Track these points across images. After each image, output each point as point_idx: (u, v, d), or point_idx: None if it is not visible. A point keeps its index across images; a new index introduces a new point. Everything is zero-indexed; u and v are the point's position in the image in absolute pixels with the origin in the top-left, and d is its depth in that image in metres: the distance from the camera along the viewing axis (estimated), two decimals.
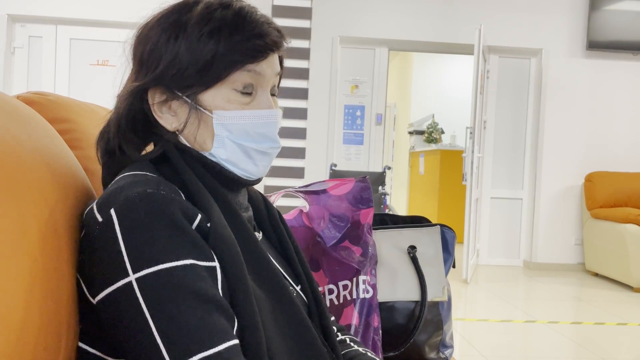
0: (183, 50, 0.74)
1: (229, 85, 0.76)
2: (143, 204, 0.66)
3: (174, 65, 0.75)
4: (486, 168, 5.43)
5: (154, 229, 0.65)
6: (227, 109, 0.76)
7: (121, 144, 0.78)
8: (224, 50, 0.74)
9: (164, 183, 0.71)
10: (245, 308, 0.69)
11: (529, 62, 5.47)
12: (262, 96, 0.79)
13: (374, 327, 1.23)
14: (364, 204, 1.26)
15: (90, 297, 0.68)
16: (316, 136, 5.12)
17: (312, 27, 4.93)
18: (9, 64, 4.94)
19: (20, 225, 0.58)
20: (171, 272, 0.64)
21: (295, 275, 0.89)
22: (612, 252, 4.71)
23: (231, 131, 0.77)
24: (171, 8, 0.78)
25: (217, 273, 0.69)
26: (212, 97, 0.76)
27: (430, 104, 8.55)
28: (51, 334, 0.62)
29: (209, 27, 0.74)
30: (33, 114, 0.75)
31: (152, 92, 0.77)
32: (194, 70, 0.74)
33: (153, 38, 0.76)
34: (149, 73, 0.76)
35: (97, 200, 0.70)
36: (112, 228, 0.65)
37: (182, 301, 0.64)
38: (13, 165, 0.60)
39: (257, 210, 0.90)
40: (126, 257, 0.64)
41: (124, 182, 0.70)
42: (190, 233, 0.68)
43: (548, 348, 3.04)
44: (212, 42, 0.74)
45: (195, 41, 0.74)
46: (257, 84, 0.78)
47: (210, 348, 0.63)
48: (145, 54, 0.77)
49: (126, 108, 0.77)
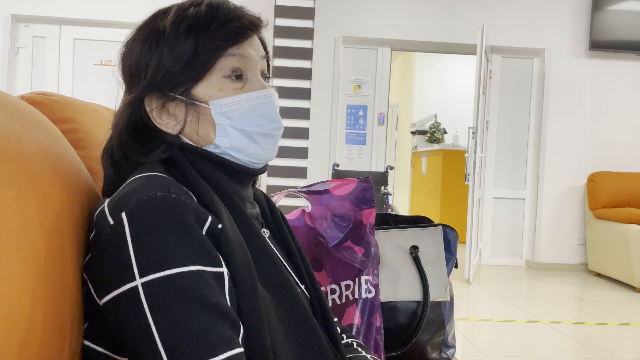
0: (166, 53, 0.76)
1: (218, 73, 0.78)
2: (153, 207, 0.67)
3: (161, 68, 0.76)
4: (488, 168, 5.42)
5: (163, 233, 0.66)
6: (222, 97, 0.78)
7: (126, 153, 0.79)
8: (204, 41, 0.76)
9: (174, 185, 0.71)
10: (252, 314, 0.69)
11: (532, 62, 5.46)
12: (253, 79, 0.80)
13: (376, 327, 1.23)
14: (366, 204, 1.26)
15: (97, 298, 0.68)
16: (319, 136, 5.12)
17: (315, 27, 4.93)
18: (12, 64, 4.95)
19: (25, 224, 0.58)
20: (177, 278, 0.64)
21: (298, 274, 0.89)
22: (614, 252, 4.70)
23: (231, 118, 0.78)
24: (147, 20, 0.81)
25: (225, 279, 0.69)
26: (204, 89, 0.78)
27: (433, 104, 8.55)
28: (55, 332, 0.62)
29: (185, 24, 0.77)
30: (37, 114, 0.75)
31: (147, 100, 0.78)
32: (180, 66, 0.76)
33: (136, 50, 0.79)
34: (140, 82, 0.78)
35: (108, 201, 0.71)
36: (123, 231, 0.66)
37: (186, 308, 0.64)
38: (17, 165, 0.60)
39: (261, 209, 0.90)
40: (134, 261, 0.64)
41: (136, 184, 0.71)
42: (199, 238, 0.68)
43: (550, 348, 3.04)
44: (191, 38, 0.76)
45: (174, 41, 0.76)
46: (245, 67, 0.79)
47: (212, 356, 0.63)
48: (133, 67, 0.79)
49: (125, 120, 0.79)
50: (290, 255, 0.90)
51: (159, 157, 0.78)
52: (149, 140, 0.80)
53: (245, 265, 0.71)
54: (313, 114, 5.01)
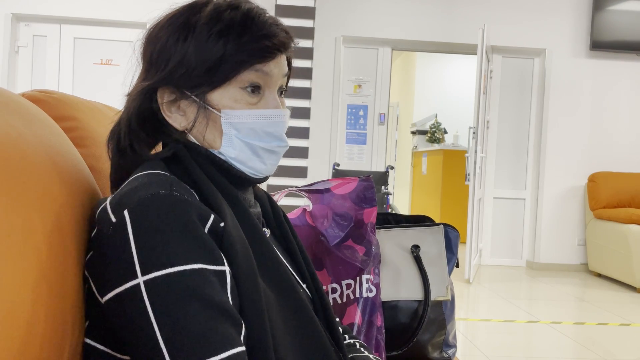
0: (192, 51, 0.75)
1: (237, 84, 0.77)
2: (155, 206, 0.66)
3: (183, 65, 0.75)
4: (489, 168, 5.42)
5: (165, 232, 0.65)
6: (235, 108, 0.77)
7: (132, 143, 0.78)
8: (232, 51, 0.75)
9: (177, 183, 0.71)
10: (254, 312, 0.69)
11: (532, 62, 5.46)
12: (270, 96, 0.80)
13: (377, 326, 1.23)
14: (367, 203, 1.26)
15: (99, 296, 0.68)
16: (319, 136, 5.12)
17: (316, 27, 4.93)
18: (13, 63, 4.95)
19: (26, 222, 0.58)
20: (179, 276, 0.64)
21: (300, 274, 0.89)
22: (615, 253, 4.70)
23: (239, 130, 0.78)
24: (181, 9, 0.79)
25: (227, 277, 0.69)
26: (220, 97, 0.77)
27: (433, 103, 8.54)
28: (57, 330, 0.62)
29: (218, 27, 0.75)
30: (38, 112, 0.75)
31: (161, 91, 0.78)
32: (202, 70, 0.75)
33: (162, 38, 0.77)
34: (158, 73, 0.77)
35: (110, 199, 0.70)
36: (125, 230, 0.65)
37: (188, 306, 0.63)
38: (19, 162, 0.60)
39: (263, 209, 0.90)
40: (136, 259, 0.64)
41: (138, 182, 0.71)
42: (201, 236, 0.68)
43: (551, 348, 3.03)
44: (220, 43, 0.75)
45: (203, 42, 0.75)
46: (264, 84, 0.79)
47: (214, 355, 0.63)
48: (155, 54, 0.78)
49: (136, 107, 0.78)
50: (291, 254, 0.90)
51: (163, 155, 0.78)
52: (155, 131, 0.80)
53: (247, 264, 0.71)
54: (313, 113, 5.01)
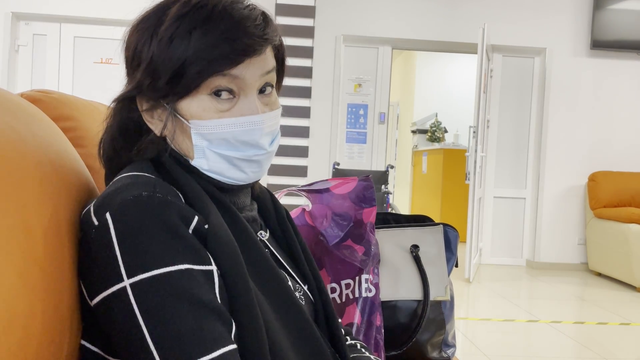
0: (156, 57, 0.71)
1: (205, 91, 0.72)
2: (138, 207, 0.65)
3: (149, 74, 0.71)
4: (489, 167, 5.42)
5: (149, 233, 0.64)
6: (204, 118, 0.72)
7: (116, 149, 0.77)
8: (193, 57, 0.69)
9: (161, 185, 0.69)
10: (246, 310, 0.68)
11: (533, 61, 5.46)
12: (244, 101, 0.73)
13: (377, 326, 1.23)
14: (366, 203, 1.26)
15: (88, 299, 0.67)
16: (319, 135, 5.12)
17: (316, 26, 4.93)
18: (13, 61, 4.95)
19: (24, 222, 0.58)
20: (166, 277, 0.63)
21: (302, 274, 0.87)
22: (615, 252, 4.70)
23: (210, 141, 0.73)
24: (151, 9, 0.74)
25: (215, 277, 0.68)
26: (188, 105, 0.72)
27: (434, 103, 8.54)
28: (54, 330, 0.62)
29: (180, 30, 0.70)
30: (37, 112, 0.75)
31: (139, 98, 0.75)
32: (165, 80, 0.70)
33: (133, 43, 0.74)
34: (132, 81, 0.74)
35: (94, 201, 0.69)
36: (108, 232, 0.64)
37: (176, 307, 0.63)
38: (17, 162, 0.60)
39: (264, 208, 0.88)
40: (121, 262, 0.63)
41: (121, 183, 0.69)
42: (186, 237, 0.66)
43: (550, 348, 3.03)
44: (181, 48, 0.69)
45: (165, 47, 0.70)
46: (238, 88, 0.73)
47: (205, 354, 0.62)
48: (129, 60, 0.75)
49: (117, 116, 0.77)
50: (293, 255, 0.88)
51: (148, 156, 0.76)
52: (139, 137, 0.77)
53: (234, 262, 0.69)
54: (313, 112, 5.00)
